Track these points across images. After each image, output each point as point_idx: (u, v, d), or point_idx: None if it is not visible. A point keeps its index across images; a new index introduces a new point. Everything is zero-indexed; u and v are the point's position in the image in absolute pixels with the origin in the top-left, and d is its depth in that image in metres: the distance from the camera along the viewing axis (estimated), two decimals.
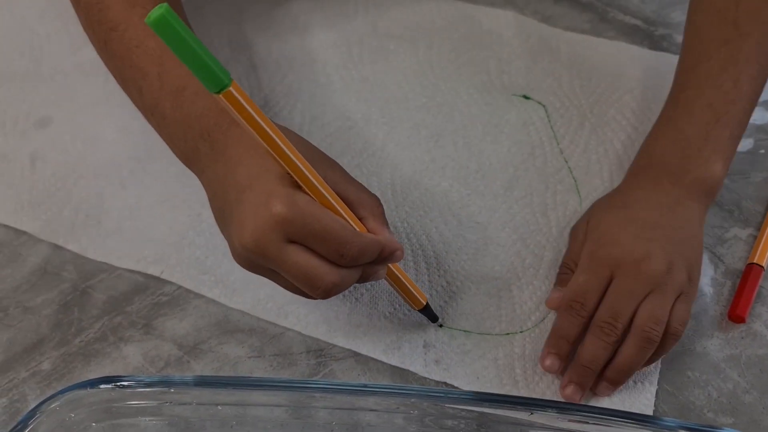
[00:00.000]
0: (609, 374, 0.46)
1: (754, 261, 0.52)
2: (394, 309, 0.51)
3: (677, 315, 0.46)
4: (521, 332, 0.50)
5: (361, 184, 0.45)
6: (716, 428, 0.41)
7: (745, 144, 0.59)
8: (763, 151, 0.59)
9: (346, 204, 0.42)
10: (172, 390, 0.43)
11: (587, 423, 0.41)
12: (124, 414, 0.44)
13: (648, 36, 0.67)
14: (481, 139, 0.60)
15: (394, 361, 0.49)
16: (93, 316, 0.52)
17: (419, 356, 0.49)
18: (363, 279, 0.44)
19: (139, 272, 0.54)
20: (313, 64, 0.65)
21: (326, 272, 0.40)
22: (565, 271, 0.51)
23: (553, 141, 0.60)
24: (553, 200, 0.57)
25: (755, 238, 0.54)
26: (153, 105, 0.48)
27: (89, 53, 0.56)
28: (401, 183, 0.58)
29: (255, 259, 0.41)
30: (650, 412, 0.47)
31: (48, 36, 0.69)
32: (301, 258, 0.40)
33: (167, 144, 0.49)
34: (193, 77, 0.35)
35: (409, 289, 0.47)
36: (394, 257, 0.43)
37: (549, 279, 0.52)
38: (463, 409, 0.43)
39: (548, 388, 0.48)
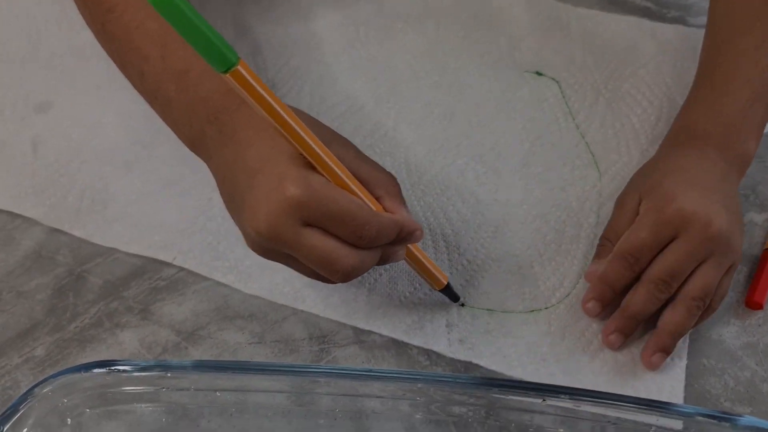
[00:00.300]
0: (661, 342, 0.46)
1: None
2: (414, 289, 0.50)
3: (721, 290, 0.46)
4: (546, 309, 0.49)
5: (375, 162, 0.43)
6: (735, 415, 0.40)
7: None
8: None
9: (361, 183, 0.41)
10: (170, 375, 0.42)
11: (600, 407, 0.40)
12: (120, 400, 0.43)
13: (660, 18, 0.65)
14: (495, 117, 0.59)
15: (417, 341, 0.48)
16: (88, 301, 0.50)
17: (443, 336, 0.48)
18: (382, 261, 0.42)
19: (136, 256, 0.52)
20: (320, 45, 0.64)
21: (345, 255, 0.39)
22: (605, 243, 0.50)
23: (569, 116, 0.59)
24: (571, 175, 0.56)
25: None
26: (156, 88, 0.46)
27: (87, 36, 0.54)
28: (416, 162, 0.56)
29: (270, 245, 0.40)
30: (682, 388, 0.46)
31: (45, 20, 0.67)
32: (318, 241, 0.39)
33: (172, 129, 0.47)
34: (198, 58, 0.34)
35: (429, 269, 0.46)
36: (413, 237, 0.42)
37: (571, 254, 0.52)
38: (471, 396, 0.42)
39: (578, 363, 0.47)
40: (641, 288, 0.46)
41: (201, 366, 0.42)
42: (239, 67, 0.34)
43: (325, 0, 0.67)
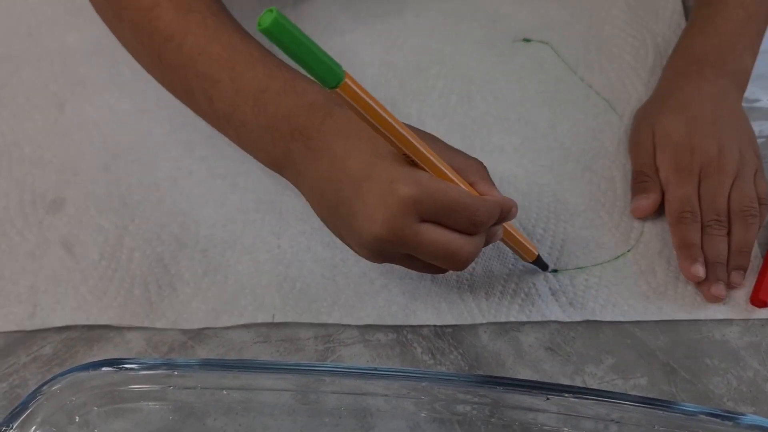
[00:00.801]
0: (733, 262, 0.50)
1: None
2: (509, 272, 0.51)
3: (761, 188, 0.52)
4: (629, 251, 0.52)
5: (461, 151, 0.44)
6: (737, 414, 0.40)
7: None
8: None
9: (456, 173, 0.42)
10: (176, 373, 0.42)
11: (603, 406, 0.40)
12: (127, 398, 0.43)
13: None
14: (507, 89, 0.61)
15: (536, 317, 0.49)
16: None
17: (553, 304, 0.50)
18: (486, 242, 0.44)
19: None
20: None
21: (464, 243, 0.41)
22: (644, 179, 0.54)
23: (570, 72, 0.62)
24: (596, 123, 0.59)
25: None
26: (229, 112, 0.45)
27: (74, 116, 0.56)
28: (457, 146, 0.57)
29: (389, 248, 0.41)
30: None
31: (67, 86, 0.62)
32: (438, 235, 0.40)
33: (249, 152, 0.47)
34: (271, 79, 0.38)
35: (522, 242, 0.48)
36: (511, 215, 0.44)
37: (628, 193, 0.55)
38: (475, 395, 0.42)
39: (675, 292, 0.50)
40: (705, 237, 0.50)
41: (207, 364, 0.42)
42: (347, 80, 0.35)
43: (298, 13, 0.65)
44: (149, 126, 0.56)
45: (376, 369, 0.41)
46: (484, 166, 0.44)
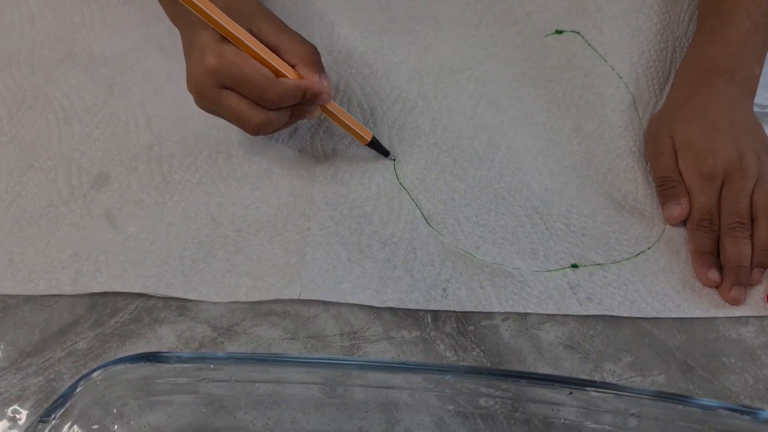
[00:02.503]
0: (757, 260, 0.51)
1: None
2: (528, 264, 0.53)
3: None
4: (649, 249, 0.53)
5: (298, 35, 0.51)
6: (755, 409, 0.40)
7: None
8: None
9: (276, 53, 0.49)
10: (212, 366, 0.43)
11: (623, 400, 0.41)
12: (161, 391, 0.44)
13: None
14: (535, 93, 0.62)
15: (552, 310, 0.51)
16: (128, 298, 0.52)
17: (571, 298, 0.51)
18: (296, 117, 0.52)
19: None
20: (351, 57, 0.65)
21: (254, 114, 0.49)
22: (672, 184, 0.55)
23: (600, 61, 0.62)
24: (621, 120, 0.60)
25: None
26: None
27: (122, 98, 0.62)
28: (481, 150, 0.59)
29: (200, 102, 0.51)
30: None
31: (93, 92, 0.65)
32: (232, 102, 0.49)
33: (162, 6, 0.59)
34: None
35: (350, 126, 0.55)
36: (320, 99, 0.50)
37: (651, 193, 0.56)
38: (498, 389, 0.43)
39: (692, 292, 0.51)
40: (726, 241, 0.52)
41: (241, 358, 0.43)
42: None
43: (341, 15, 0.68)
44: (192, 111, 0.59)
45: (402, 363, 0.42)
46: (315, 52, 0.51)
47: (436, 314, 0.51)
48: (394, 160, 0.57)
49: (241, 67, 0.47)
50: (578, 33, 0.64)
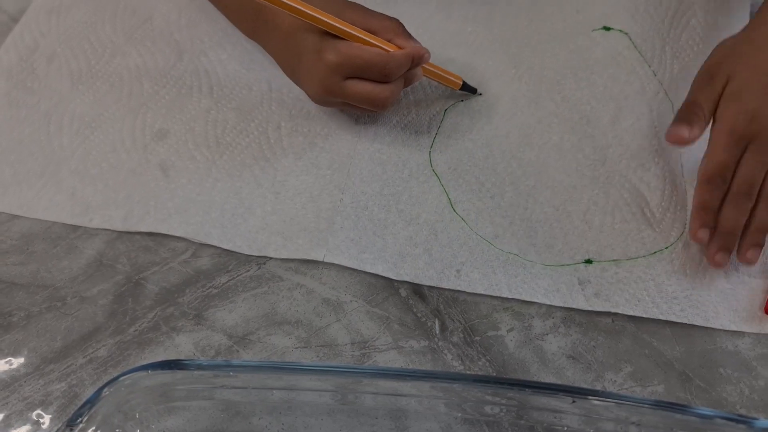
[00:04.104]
0: (751, 239, 0.52)
1: None
2: (539, 256, 0.55)
3: None
4: (666, 248, 0.54)
5: (380, 13, 0.56)
6: (751, 418, 0.41)
7: None
8: None
9: (372, 33, 0.54)
10: (230, 373, 0.44)
11: (624, 409, 0.43)
12: (179, 397, 0.46)
13: None
14: (576, 89, 0.63)
15: (558, 302, 0.52)
16: (146, 307, 0.54)
17: (579, 293, 0.53)
18: (408, 83, 0.58)
19: (189, 265, 0.56)
20: None
21: (380, 90, 0.55)
22: (696, 111, 0.53)
23: (643, 64, 0.63)
24: (659, 122, 0.60)
25: None
26: None
27: (190, 64, 0.67)
28: (516, 146, 0.61)
29: (328, 99, 0.56)
30: None
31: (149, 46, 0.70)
32: (359, 87, 0.55)
33: (234, 24, 0.67)
34: None
35: (445, 76, 0.61)
36: (423, 59, 0.56)
37: (677, 194, 0.57)
38: (503, 397, 0.45)
39: (700, 297, 0.52)
40: (729, 204, 0.52)
41: (255, 366, 0.45)
42: None
43: (400, 8, 0.69)
44: (250, 82, 0.65)
45: (412, 371, 0.44)
46: (400, 24, 0.56)
47: (443, 324, 0.52)
48: (481, 94, 0.62)
49: (360, 55, 0.53)
50: (626, 33, 0.65)
